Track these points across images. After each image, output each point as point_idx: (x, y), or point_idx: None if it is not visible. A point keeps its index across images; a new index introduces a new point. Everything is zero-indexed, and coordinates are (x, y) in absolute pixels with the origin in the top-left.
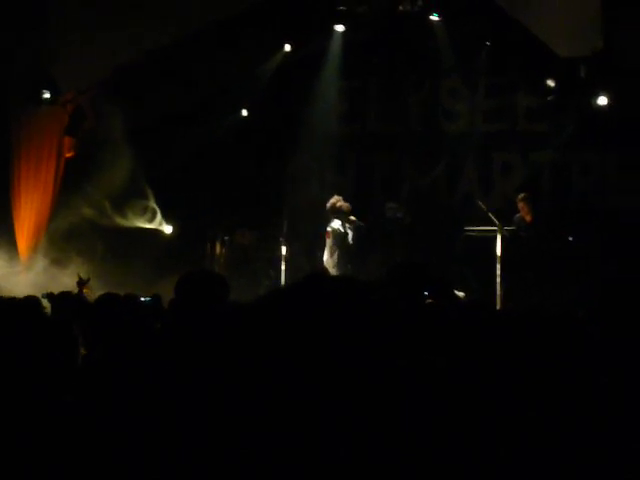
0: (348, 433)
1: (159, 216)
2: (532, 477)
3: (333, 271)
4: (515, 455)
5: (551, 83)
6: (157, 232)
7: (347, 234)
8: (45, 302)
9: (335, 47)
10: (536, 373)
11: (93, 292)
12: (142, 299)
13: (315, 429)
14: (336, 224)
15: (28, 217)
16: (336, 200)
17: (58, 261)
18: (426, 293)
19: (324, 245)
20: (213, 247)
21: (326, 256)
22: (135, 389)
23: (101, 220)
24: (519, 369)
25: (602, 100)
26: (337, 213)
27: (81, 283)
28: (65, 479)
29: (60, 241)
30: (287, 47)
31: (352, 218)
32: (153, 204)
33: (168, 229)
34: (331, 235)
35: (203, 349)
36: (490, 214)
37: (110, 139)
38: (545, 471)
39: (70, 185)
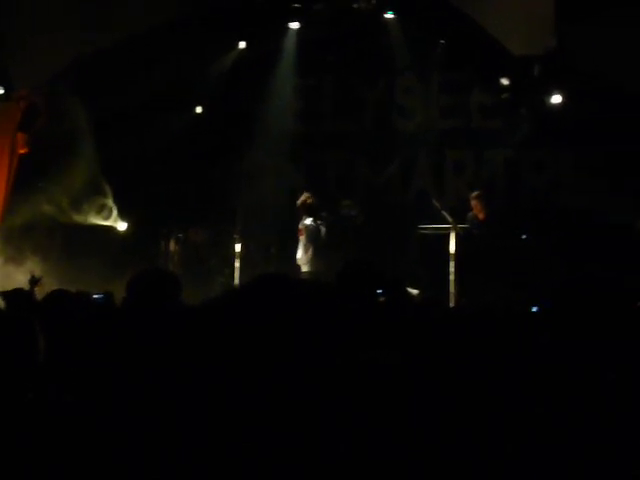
0: (299, 435)
1: (115, 213)
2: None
3: (306, 267)
4: (461, 451)
5: (505, 81)
6: (111, 229)
7: (320, 230)
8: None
9: (290, 45)
10: (488, 371)
11: (45, 291)
12: (95, 296)
13: (266, 431)
14: (308, 221)
15: None
16: (306, 197)
17: (13, 259)
18: (379, 291)
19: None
20: (167, 245)
21: (300, 253)
22: (85, 387)
23: (58, 217)
24: (471, 366)
25: (556, 99)
26: (308, 210)
27: (33, 282)
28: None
29: (16, 239)
30: (242, 44)
31: (324, 214)
32: (111, 202)
33: (122, 226)
34: (304, 232)
35: (153, 349)
36: (444, 212)
37: (67, 135)
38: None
39: (26, 182)
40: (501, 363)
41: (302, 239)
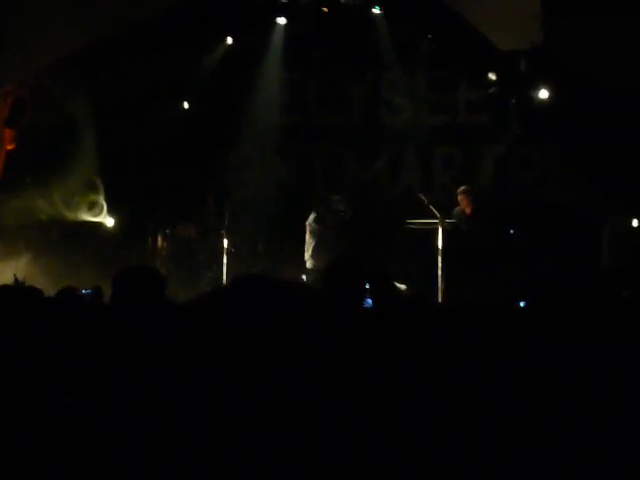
0: (284, 446)
1: (105, 210)
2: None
3: (309, 264)
4: (458, 454)
5: (492, 76)
6: (99, 225)
7: (326, 225)
8: None
9: (277, 39)
10: (478, 371)
11: None
12: (84, 292)
13: (249, 436)
14: (312, 217)
15: None
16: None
17: (5, 256)
18: (367, 286)
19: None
20: (155, 240)
21: (305, 250)
22: (67, 381)
23: (49, 214)
24: (461, 366)
25: (543, 94)
26: (319, 205)
27: (17, 284)
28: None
29: (7, 236)
30: (229, 40)
31: (340, 207)
32: (102, 199)
33: (110, 222)
34: (307, 228)
35: (138, 347)
36: (431, 207)
37: (60, 130)
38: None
39: (15, 178)
40: (492, 364)
41: (307, 236)
